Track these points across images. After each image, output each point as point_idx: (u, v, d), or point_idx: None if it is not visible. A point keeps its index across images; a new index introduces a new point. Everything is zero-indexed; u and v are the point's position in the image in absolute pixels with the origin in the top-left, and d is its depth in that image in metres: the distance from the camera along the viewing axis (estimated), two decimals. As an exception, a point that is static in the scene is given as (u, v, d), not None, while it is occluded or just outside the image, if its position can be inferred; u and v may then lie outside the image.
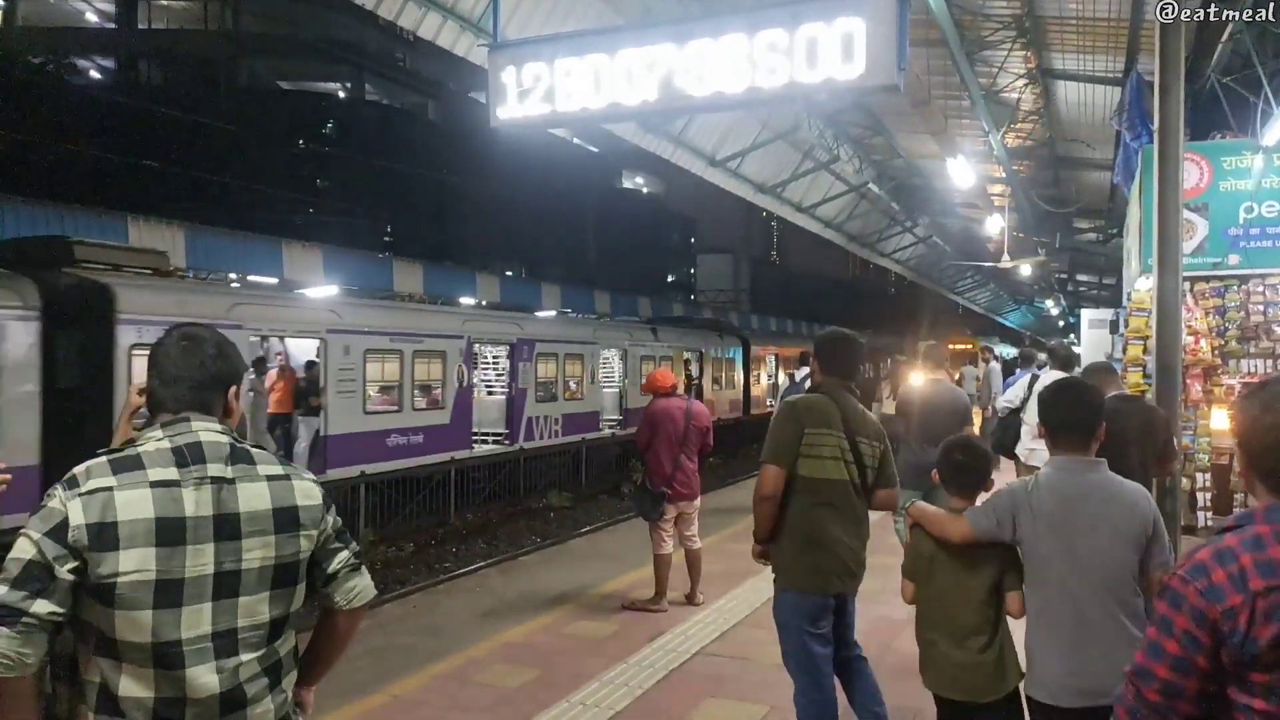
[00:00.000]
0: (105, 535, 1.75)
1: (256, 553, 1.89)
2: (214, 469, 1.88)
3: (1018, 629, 2.92)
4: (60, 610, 1.74)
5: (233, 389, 2.05)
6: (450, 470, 14.36)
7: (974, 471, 3.22)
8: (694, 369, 22.41)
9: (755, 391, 26.35)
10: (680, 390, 7.05)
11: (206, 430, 1.93)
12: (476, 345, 15.29)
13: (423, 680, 5.10)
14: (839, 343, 3.88)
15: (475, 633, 5.98)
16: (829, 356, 3.83)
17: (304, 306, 13.03)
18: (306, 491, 2.01)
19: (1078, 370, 7.56)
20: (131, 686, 1.78)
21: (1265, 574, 1.54)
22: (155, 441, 1.89)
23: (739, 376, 25.48)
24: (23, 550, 1.73)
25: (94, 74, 29.09)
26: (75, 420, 9.10)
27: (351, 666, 5.35)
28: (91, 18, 30.74)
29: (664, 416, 6.50)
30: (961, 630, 3.00)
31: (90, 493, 1.77)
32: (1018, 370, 10.18)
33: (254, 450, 1.99)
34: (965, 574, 3.01)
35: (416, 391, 13.70)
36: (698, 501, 6.66)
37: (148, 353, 2.07)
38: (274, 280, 16.38)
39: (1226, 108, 9.47)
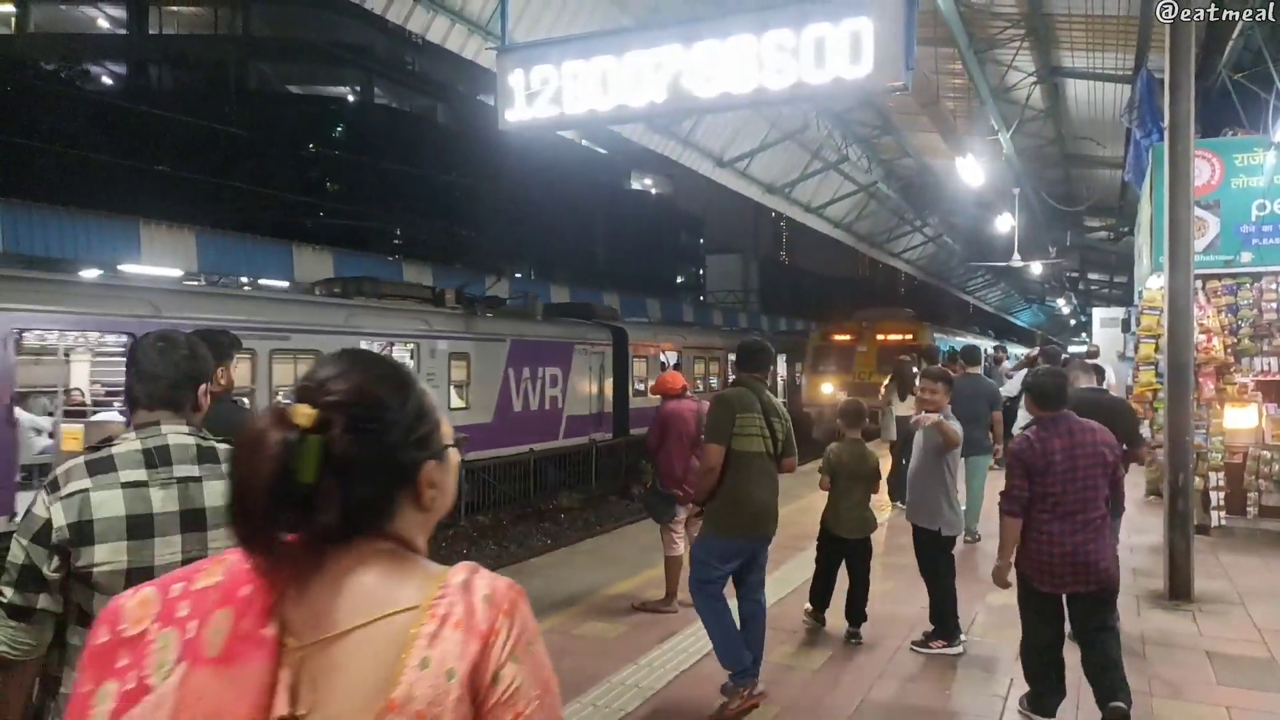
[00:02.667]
0: (83, 532, 1.97)
1: (221, 543, 2.07)
2: (180, 470, 2.09)
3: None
4: (59, 600, 1.99)
5: (202, 386, 2.24)
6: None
7: (863, 414, 6.08)
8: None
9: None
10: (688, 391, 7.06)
11: (175, 433, 2.12)
12: (730, 355, 22.45)
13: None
14: (755, 349, 4.95)
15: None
16: (748, 359, 4.90)
17: (671, 335, 22.63)
18: None
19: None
20: None
21: (1040, 442, 4.18)
22: (129, 443, 2.08)
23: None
24: (16, 555, 1.97)
25: (105, 79, 29.28)
26: (602, 393, 18.93)
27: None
28: (103, 24, 30.95)
29: (675, 418, 6.50)
30: (858, 502, 5.73)
31: (69, 495, 1.98)
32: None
33: (221, 448, 2.17)
34: (861, 474, 5.73)
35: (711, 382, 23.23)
36: None
37: (637, 359, 2.81)
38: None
39: (1238, 104, 9.40)
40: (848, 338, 21.67)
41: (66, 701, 1.99)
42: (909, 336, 20.59)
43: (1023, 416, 8.56)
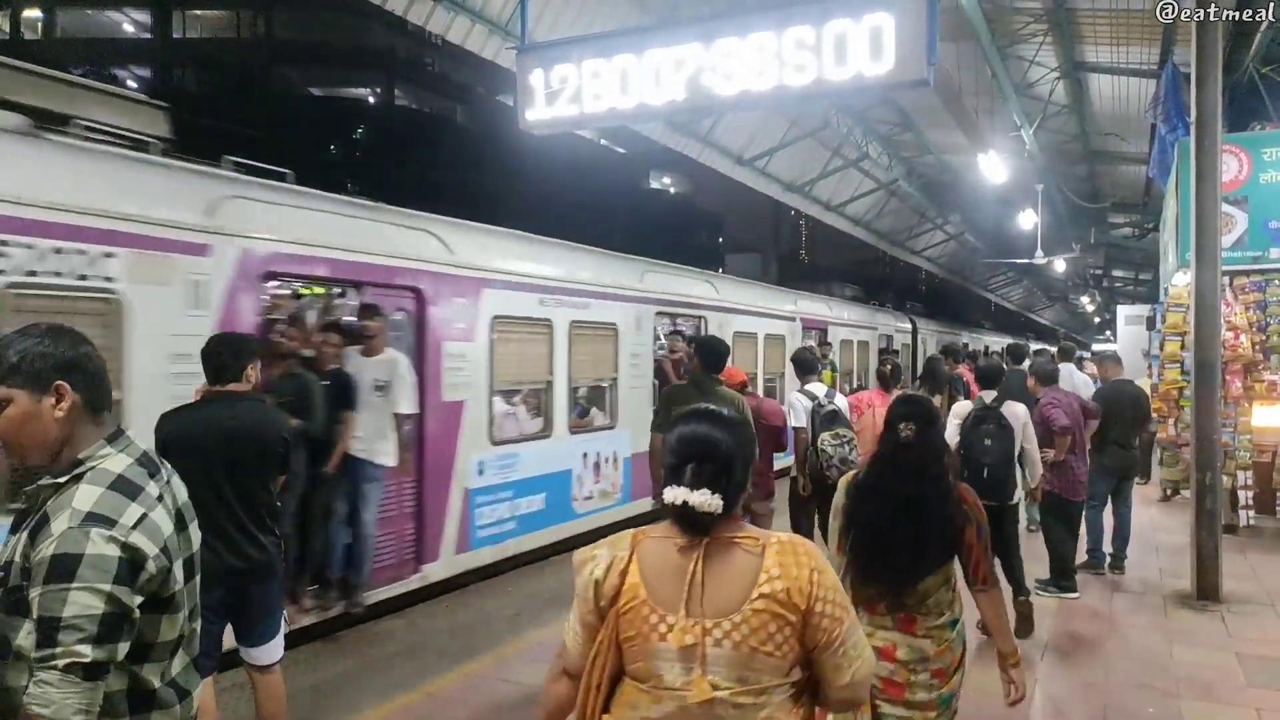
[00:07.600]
0: (169, 555, 1.86)
1: (194, 536, 2.03)
2: (165, 470, 1.99)
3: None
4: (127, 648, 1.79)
5: None
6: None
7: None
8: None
9: None
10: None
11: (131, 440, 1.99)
12: None
13: (456, 678, 5.14)
14: (706, 348, 5.60)
15: (507, 632, 6.01)
16: (702, 356, 5.55)
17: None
18: None
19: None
20: (154, 679, 1.87)
21: (1064, 401, 6.64)
22: (118, 459, 1.88)
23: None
24: (90, 606, 1.69)
25: (130, 83, 29.61)
26: None
27: (387, 665, 5.41)
28: (128, 28, 31.32)
29: (760, 413, 6.23)
30: None
31: (138, 524, 1.80)
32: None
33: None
34: None
35: None
36: (770, 502, 6.19)
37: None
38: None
39: (1266, 98, 9.28)
40: None
41: None
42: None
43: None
